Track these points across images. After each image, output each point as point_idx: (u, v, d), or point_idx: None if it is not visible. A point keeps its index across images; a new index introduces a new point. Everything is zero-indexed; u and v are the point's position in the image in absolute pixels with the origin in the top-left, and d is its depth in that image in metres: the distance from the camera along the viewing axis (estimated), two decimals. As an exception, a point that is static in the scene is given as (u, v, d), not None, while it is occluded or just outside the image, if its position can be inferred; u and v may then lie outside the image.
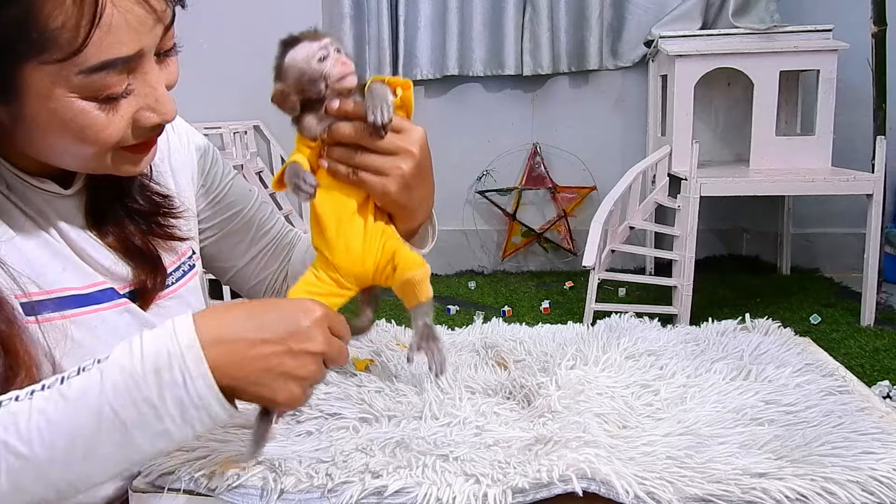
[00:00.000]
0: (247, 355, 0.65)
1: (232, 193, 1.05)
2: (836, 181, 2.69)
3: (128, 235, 0.88)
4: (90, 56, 0.67)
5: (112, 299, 0.84)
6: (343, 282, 0.85)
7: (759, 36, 2.94)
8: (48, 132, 0.73)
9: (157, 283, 0.89)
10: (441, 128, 3.61)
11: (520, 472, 0.67)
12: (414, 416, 0.80)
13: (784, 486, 0.64)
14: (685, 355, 0.96)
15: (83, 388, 0.62)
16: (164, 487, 0.69)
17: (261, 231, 1.08)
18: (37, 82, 0.68)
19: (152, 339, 0.64)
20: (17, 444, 0.61)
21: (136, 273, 0.88)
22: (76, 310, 0.80)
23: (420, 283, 0.83)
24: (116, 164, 0.78)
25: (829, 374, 0.89)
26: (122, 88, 0.72)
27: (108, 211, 0.87)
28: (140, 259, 0.88)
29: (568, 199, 3.57)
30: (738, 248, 3.65)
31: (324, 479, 0.68)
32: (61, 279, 0.80)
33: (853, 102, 3.06)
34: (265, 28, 3.52)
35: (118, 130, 0.74)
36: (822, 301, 3.02)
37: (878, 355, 2.43)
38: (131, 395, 0.62)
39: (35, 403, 0.62)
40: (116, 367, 0.63)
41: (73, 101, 0.70)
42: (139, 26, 0.70)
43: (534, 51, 3.42)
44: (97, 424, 0.62)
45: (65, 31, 0.66)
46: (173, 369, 0.62)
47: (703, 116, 3.23)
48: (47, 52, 0.67)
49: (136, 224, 0.89)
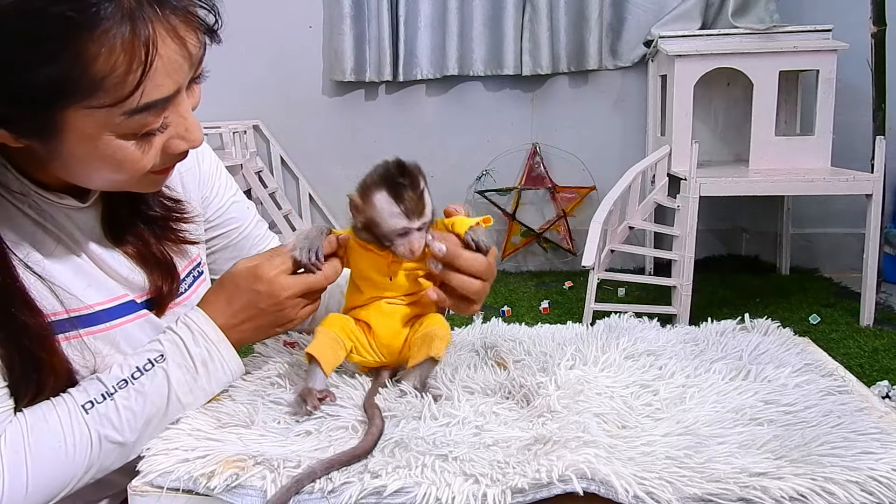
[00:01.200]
0: (249, 327, 0.88)
1: (233, 210, 1.08)
2: (836, 181, 2.69)
3: (143, 243, 0.91)
4: (134, 100, 0.69)
5: (132, 311, 0.89)
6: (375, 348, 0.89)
7: (759, 36, 2.94)
8: (84, 166, 0.75)
9: (172, 288, 0.94)
10: (440, 127, 3.61)
11: (519, 473, 0.67)
12: (413, 416, 0.80)
13: (783, 485, 0.64)
14: (684, 355, 0.96)
15: (155, 385, 0.82)
16: (163, 487, 0.69)
17: (255, 249, 1.11)
18: (79, 123, 0.70)
19: (194, 342, 0.85)
20: (115, 434, 0.79)
21: (152, 280, 0.92)
22: (101, 325, 0.86)
23: (439, 339, 0.86)
24: (141, 185, 0.82)
25: (829, 374, 0.89)
26: (158, 124, 0.74)
27: (123, 220, 0.90)
28: (156, 265, 0.92)
29: (567, 199, 3.58)
30: (737, 248, 3.65)
31: (324, 479, 0.68)
32: (86, 296, 0.85)
33: (852, 102, 3.07)
34: (265, 28, 3.55)
35: (151, 160, 0.77)
36: (821, 301, 3.02)
37: (877, 355, 2.43)
38: (189, 385, 0.83)
39: (119, 402, 0.80)
40: (175, 366, 0.83)
41: (112, 140, 0.72)
42: (179, 68, 0.72)
43: (533, 51, 3.42)
44: (166, 408, 0.82)
45: (114, 79, 0.67)
46: (214, 360, 0.86)
47: (702, 116, 3.23)
48: (95, 97, 0.68)
49: (150, 230, 0.92)
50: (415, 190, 0.82)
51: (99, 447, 0.78)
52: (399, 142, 3.63)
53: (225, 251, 1.09)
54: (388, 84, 3.57)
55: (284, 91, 3.61)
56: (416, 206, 0.82)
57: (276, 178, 3.63)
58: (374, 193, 0.82)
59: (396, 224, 0.82)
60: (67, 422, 0.77)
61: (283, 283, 0.86)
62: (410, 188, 0.82)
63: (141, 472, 0.71)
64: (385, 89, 3.61)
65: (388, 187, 0.82)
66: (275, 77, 3.60)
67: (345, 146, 3.65)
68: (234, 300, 0.87)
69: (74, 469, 0.77)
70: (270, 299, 0.86)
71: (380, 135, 3.64)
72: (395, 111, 3.62)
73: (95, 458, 0.78)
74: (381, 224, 0.82)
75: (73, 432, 0.77)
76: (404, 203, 0.81)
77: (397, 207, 0.81)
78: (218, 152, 3.18)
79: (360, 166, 3.25)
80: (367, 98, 3.62)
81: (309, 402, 0.80)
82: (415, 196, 0.82)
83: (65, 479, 0.77)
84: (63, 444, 0.76)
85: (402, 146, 3.64)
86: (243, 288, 0.87)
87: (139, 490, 0.70)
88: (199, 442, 0.74)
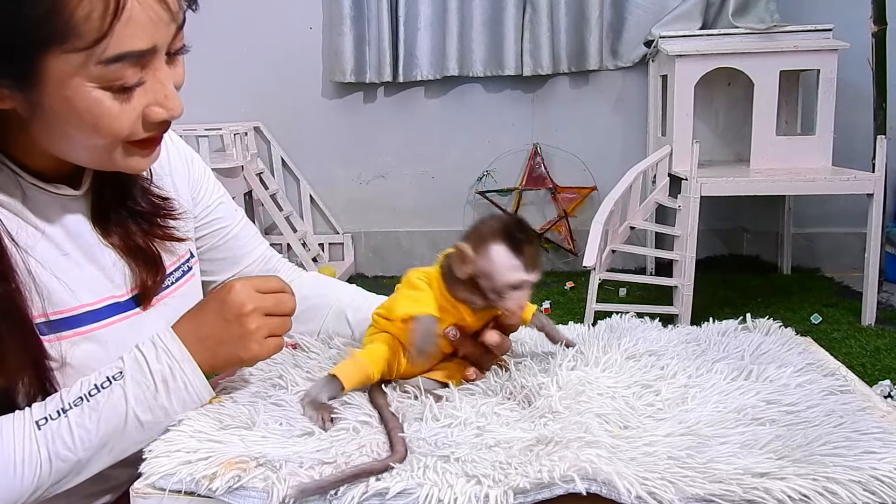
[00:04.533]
0: (213, 343, 0.83)
1: (220, 210, 1.09)
2: (837, 181, 2.69)
3: (130, 235, 0.92)
4: (109, 47, 0.71)
5: (120, 312, 0.90)
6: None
7: (760, 36, 2.94)
8: (64, 122, 0.76)
9: (157, 281, 0.93)
10: (441, 128, 3.61)
11: (521, 473, 0.66)
12: (415, 417, 0.80)
13: (786, 485, 0.64)
14: (686, 355, 0.96)
15: (111, 403, 0.79)
16: (165, 489, 0.69)
17: (243, 251, 1.12)
18: (57, 70, 0.72)
19: (156, 358, 0.82)
20: (66, 452, 0.77)
21: (137, 273, 0.92)
22: (89, 326, 0.87)
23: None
24: (125, 158, 0.82)
25: (831, 374, 0.89)
26: (135, 80, 0.75)
27: (111, 212, 0.91)
28: (141, 258, 0.92)
29: (568, 200, 3.57)
30: (738, 247, 3.65)
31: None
32: (77, 296, 0.85)
33: (853, 102, 3.06)
34: (266, 30, 3.55)
35: (129, 121, 0.77)
36: (823, 301, 3.02)
37: (879, 355, 2.43)
38: (149, 403, 0.80)
39: (72, 419, 0.77)
40: (133, 383, 0.80)
41: (89, 91, 0.73)
42: (156, 22, 0.74)
43: (534, 51, 3.42)
44: (123, 426, 0.79)
45: (89, 21, 0.69)
46: (176, 378, 0.82)
47: (703, 116, 3.23)
48: (70, 40, 0.70)
49: (137, 224, 0.93)
50: (532, 245, 0.83)
51: (49, 466, 0.76)
52: (400, 143, 3.64)
53: (213, 251, 1.09)
54: (388, 85, 3.57)
55: (285, 92, 3.61)
56: (533, 259, 0.82)
57: (276, 179, 3.63)
58: (492, 245, 0.82)
59: (513, 277, 0.81)
60: (20, 438, 0.76)
61: (250, 293, 0.83)
62: (528, 243, 0.82)
63: (143, 473, 0.71)
64: (385, 90, 3.61)
65: (507, 240, 0.82)
66: (275, 78, 3.60)
67: (345, 147, 3.66)
68: (201, 313, 0.85)
69: (22, 488, 0.76)
70: (235, 309, 0.82)
71: (380, 136, 3.64)
72: (396, 112, 3.62)
73: (45, 477, 0.76)
74: (495, 276, 0.82)
75: (23, 450, 0.75)
76: (524, 256, 0.81)
77: (517, 260, 0.81)
78: (219, 154, 3.21)
79: (361, 167, 3.27)
80: (367, 99, 3.63)
81: (320, 415, 0.80)
82: (532, 251, 0.82)
83: (10, 498, 0.75)
84: (12, 460, 0.75)
85: (402, 147, 3.64)
86: (212, 299, 0.85)
87: (141, 492, 0.70)
88: (201, 443, 0.74)
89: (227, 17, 3.54)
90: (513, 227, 0.83)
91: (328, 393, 0.83)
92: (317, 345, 1.04)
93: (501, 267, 0.81)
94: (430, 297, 0.87)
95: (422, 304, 0.86)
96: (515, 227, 0.83)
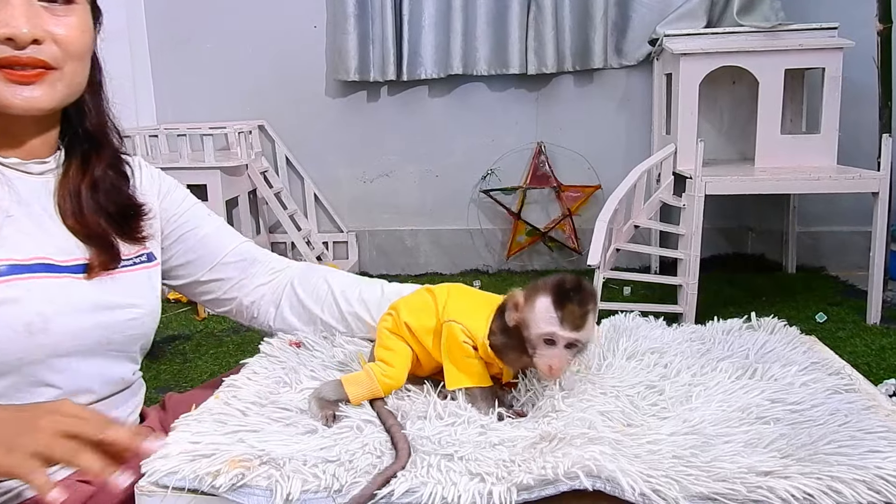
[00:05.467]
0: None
1: (189, 214, 1.12)
2: (842, 179, 2.68)
3: (89, 223, 0.96)
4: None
5: (53, 272, 0.92)
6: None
7: (764, 34, 2.93)
8: None
9: (105, 260, 0.96)
10: (445, 127, 3.61)
11: (525, 470, 0.66)
12: (418, 415, 0.80)
13: (790, 484, 0.63)
14: (690, 354, 0.96)
15: None
16: (169, 486, 0.69)
17: (217, 247, 1.14)
18: None
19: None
20: None
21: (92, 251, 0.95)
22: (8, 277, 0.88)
23: None
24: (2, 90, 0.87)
25: (835, 373, 0.89)
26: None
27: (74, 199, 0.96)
28: (96, 243, 0.96)
29: (573, 198, 3.57)
30: (743, 246, 3.64)
31: (330, 479, 0.68)
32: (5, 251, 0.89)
33: (859, 100, 3.05)
34: (270, 28, 3.56)
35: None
36: (827, 299, 3.01)
37: (884, 353, 2.42)
38: None
39: None
40: None
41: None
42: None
43: (538, 49, 3.41)
44: None
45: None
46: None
47: (707, 115, 3.22)
48: None
49: (99, 216, 0.97)
50: (581, 306, 0.80)
51: None
52: (403, 141, 3.63)
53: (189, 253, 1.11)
54: (392, 84, 3.57)
55: (289, 91, 3.62)
56: (573, 318, 0.80)
57: (281, 177, 3.64)
58: (539, 297, 0.81)
59: (546, 328, 0.80)
60: None
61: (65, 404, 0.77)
62: (577, 303, 0.80)
63: (146, 471, 0.71)
64: (389, 89, 3.61)
65: (554, 294, 0.81)
66: (279, 77, 3.60)
67: (349, 146, 3.66)
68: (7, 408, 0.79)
69: None
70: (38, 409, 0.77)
71: (384, 134, 3.64)
72: (399, 110, 3.62)
73: None
74: (532, 326, 0.81)
75: None
76: (563, 311, 0.80)
77: (555, 313, 0.80)
78: (223, 152, 3.21)
79: (365, 166, 3.27)
80: (370, 98, 3.63)
81: (323, 413, 0.80)
82: (577, 310, 0.80)
83: None
84: None
85: (406, 146, 3.64)
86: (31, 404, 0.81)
87: (145, 490, 0.70)
88: (205, 441, 0.74)
89: (232, 15, 3.55)
90: (567, 284, 0.81)
91: (337, 396, 0.83)
92: (321, 343, 1.04)
93: (539, 316, 0.80)
94: (480, 366, 0.85)
95: (475, 375, 0.85)
96: (571, 285, 0.81)
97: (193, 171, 3.05)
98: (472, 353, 0.84)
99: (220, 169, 3.08)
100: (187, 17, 3.56)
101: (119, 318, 0.96)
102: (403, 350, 0.88)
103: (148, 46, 3.59)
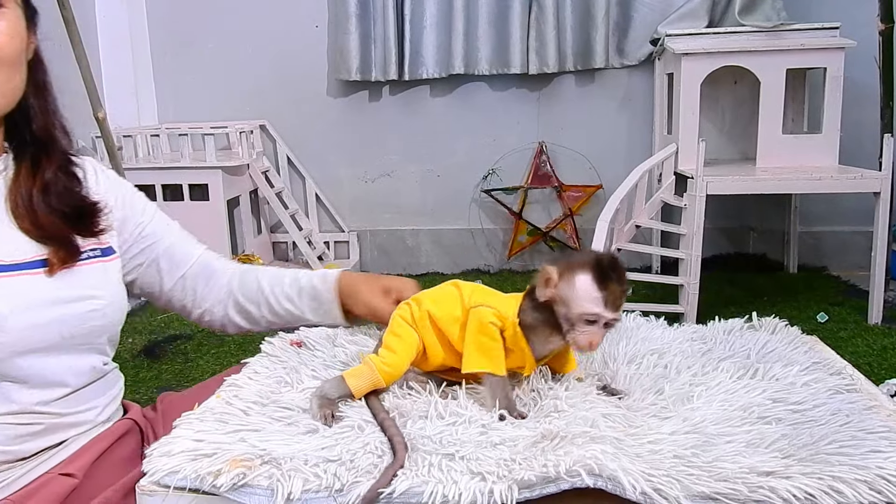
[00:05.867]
0: None
1: (151, 227, 1.12)
2: (844, 179, 2.68)
3: (44, 224, 0.94)
4: None
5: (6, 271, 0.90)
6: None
7: (766, 34, 2.93)
8: None
9: (66, 255, 0.95)
10: (447, 127, 3.61)
11: (526, 468, 0.66)
12: (419, 415, 0.80)
13: (791, 484, 0.63)
14: (692, 354, 0.96)
15: None
16: (170, 486, 0.69)
17: (182, 257, 1.15)
18: None
19: None
20: None
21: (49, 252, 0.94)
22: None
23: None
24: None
25: (837, 373, 0.89)
26: None
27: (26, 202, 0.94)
28: (54, 242, 0.95)
29: (574, 198, 3.57)
30: (744, 246, 3.64)
31: (331, 479, 0.68)
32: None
33: (860, 100, 3.05)
34: (271, 28, 3.56)
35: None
36: (829, 299, 3.01)
37: (885, 353, 2.42)
38: None
39: None
40: None
41: None
42: None
43: (540, 49, 3.41)
44: None
45: None
46: None
47: (709, 115, 3.22)
48: None
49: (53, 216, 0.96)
50: (620, 285, 0.80)
51: None
52: (405, 141, 3.63)
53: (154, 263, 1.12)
54: (394, 83, 3.57)
55: (290, 91, 3.62)
56: (615, 298, 0.80)
57: (282, 177, 3.64)
58: (579, 274, 0.81)
59: (590, 308, 0.80)
60: None
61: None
62: (617, 283, 0.80)
63: (147, 471, 0.71)
64: (390, 89, 3.61)
65: (596, 272, 0.80)
66: (281, 77, 3.60)
67: (351, 145, 3.66)
68: None
69: None
70: None
71: (386, 134, 3.64)
72: (401, 110, 3.62)
73: None
74: (573, 305, 0.80)
75: None
76: (606, 291, 0.79)
77: (598, 293, 0.79)
78: (224, 152, 3.22)
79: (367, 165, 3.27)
80: (372, 97, 3.63)
81: (323, 412, 0.80)
82: (618, 290, 0.80)
83: None
84: None
85: (408, 145, 3.64)
86: None
87: (146, 489, 0.70)
88: (206, 441, 0.74)
89: (233, 15, 3.55)
90: (606, 262, 0.81)
91: (339, 392, 0.83)
92: (322, 343, 1.04)
93: (581, 295, 0.80)
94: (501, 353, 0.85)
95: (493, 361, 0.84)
96: (609, 263, 0.81)
97: (195, 171, 3.05)
98: (497, 337, 0.84)
99: (222, 168, 3.09)
100: (189, 18, 3.56)
101: (78, 311, 0.95)
102: (411, 338, 0.88)
103: (150, 46, 3.59)
